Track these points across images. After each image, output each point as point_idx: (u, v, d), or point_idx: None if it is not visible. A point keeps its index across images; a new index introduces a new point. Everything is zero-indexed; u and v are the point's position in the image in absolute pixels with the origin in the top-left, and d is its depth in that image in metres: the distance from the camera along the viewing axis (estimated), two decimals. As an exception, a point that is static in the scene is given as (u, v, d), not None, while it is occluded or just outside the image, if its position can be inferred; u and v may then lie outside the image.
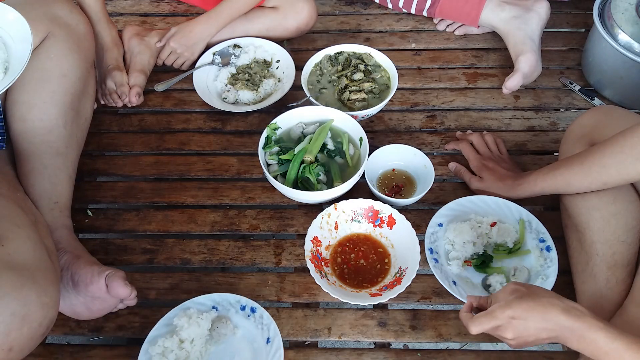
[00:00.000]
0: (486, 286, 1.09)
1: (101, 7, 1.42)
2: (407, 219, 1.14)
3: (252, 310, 1.05)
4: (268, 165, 1.25)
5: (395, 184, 1.27)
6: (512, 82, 1.41)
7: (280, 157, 1.23)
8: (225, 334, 1.04)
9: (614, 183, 1.00)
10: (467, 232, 1.12)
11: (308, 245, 1.12)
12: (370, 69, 1.43)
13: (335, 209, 1.17)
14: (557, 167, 1.09)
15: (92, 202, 1.30)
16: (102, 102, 1.47)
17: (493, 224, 1.15)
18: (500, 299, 0.86)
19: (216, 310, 1.06)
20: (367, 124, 1.40)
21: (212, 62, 1.50)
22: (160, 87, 1.49)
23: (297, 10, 1.51)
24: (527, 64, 1.41)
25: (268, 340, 1.02)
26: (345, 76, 1.42)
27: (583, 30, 1.62)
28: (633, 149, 0.94)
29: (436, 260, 1.11)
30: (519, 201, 1.17)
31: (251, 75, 1.47)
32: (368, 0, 1.70)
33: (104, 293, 1.03)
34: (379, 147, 1.28)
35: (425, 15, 1.61)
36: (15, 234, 0.93)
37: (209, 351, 1.04)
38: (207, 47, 1.53)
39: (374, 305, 1.12)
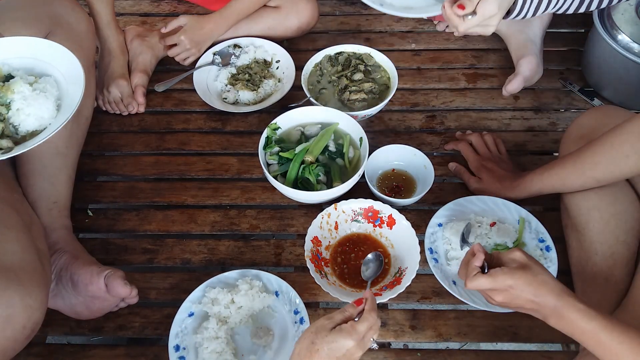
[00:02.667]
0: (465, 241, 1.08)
1: (111, 12, 1.43)
2: (407, 219, 1.14)
3: (301, 320, 1.04)
4: (268, 165, 1.25)
5: (395, 184, 1.27)
6: (513, 86, 1.40)
7: (281, 154, 1.23)
8: (268, 321, 1.07)
9: (606, 180, 1.01)
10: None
11: (308, 245, 1.12)
12: (370, 69, 1.44)
13: (335, 209, 1.17)
14: (552, 167, 1.09)
15: (92, 202, 1.30)
16: (104, 109, 1.46)
17: (493, 224, 1.15)
18: (505, 262, 0.88)
19: (277, 296, 1.08)
20: (367, 124, 1.40)
21: (212, 62, 1.50)
22: (160, 88, 1.49)
23: (299, 9, 1.51)
24: (528, 67, 1.40)
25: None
26: (345, 76, 1.42)
27: (583, 30, 1.62)
28: (622, 145, 0.95)
29: (436, 260, 1.11)
30: (519, 201, 1.17)
31: (251, 75, 1.47)
32: (368, 0, 1.70)
33: (103, 293, 1.04)
34: (379, 147, 1.28)
35: (425, 18, 1.61)
36: (4, 236, 0.93)
37: (246, 324, 1.06)
38: (208, 47, 1.53)
39: (373, 305, 1.12)
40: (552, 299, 0.82)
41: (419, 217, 1.22)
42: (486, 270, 0.89)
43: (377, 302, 1.04)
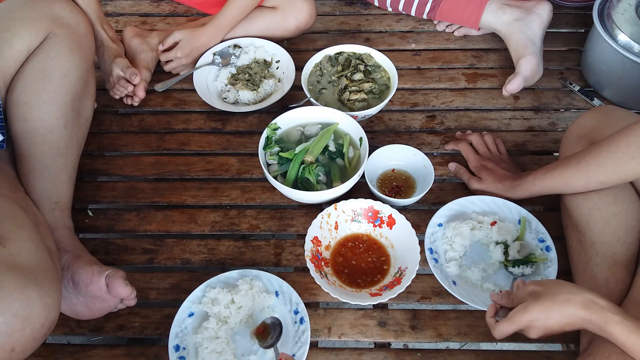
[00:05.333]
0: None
1: (97, 9, 1.42)
2: (407, 219, 1.14)
3: (301, 320, 1.04)
4: (268, 165, 1.25)
5: (395, 184, 1.27)
6: (513, 86, 1.41)
7: (281, 154, 1.23)
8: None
9: (611, 182, 1.01)
10: (466, 232, 1.13)
11: (308, 245, 1.12)
12: (370, 69, 1.44)
13: (335, 209, 1.17)
14: (554, 168, 1.09)
15: (93, 202, 1.30)
16: (116, 97, 1.46)
17: (493, 223, 1.15)
18: (519, 300, 0.89)
19: (277, 296, 1.08)
20: (367, 124, 1.41)
21: (212, 62, 1.51)
22: (160, 87, 1.49)
23: (296, 9, 1.51)
24: (528, 67, 1.40)
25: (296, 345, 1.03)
26: (345, 76, 1.42)
27: (583, 30, 1.62)
28: (629, 147, 0.95)
29: (436, 260, 1.11)
30: (519, 201, 1.17)
31: (251, 75, 1.47)
32: (368, 0, 1.70)
33: (104, 293, 1.03)
34: (379, 147, 1.28)
35: (425, 18, 1.61)
36: (18, 235, 0.93)
37: (246, 324, 1.06)
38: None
39: (373, 305, 1.12)
40: (584, 312, 0.82)
41: (419, 217, 1.22)
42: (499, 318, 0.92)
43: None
